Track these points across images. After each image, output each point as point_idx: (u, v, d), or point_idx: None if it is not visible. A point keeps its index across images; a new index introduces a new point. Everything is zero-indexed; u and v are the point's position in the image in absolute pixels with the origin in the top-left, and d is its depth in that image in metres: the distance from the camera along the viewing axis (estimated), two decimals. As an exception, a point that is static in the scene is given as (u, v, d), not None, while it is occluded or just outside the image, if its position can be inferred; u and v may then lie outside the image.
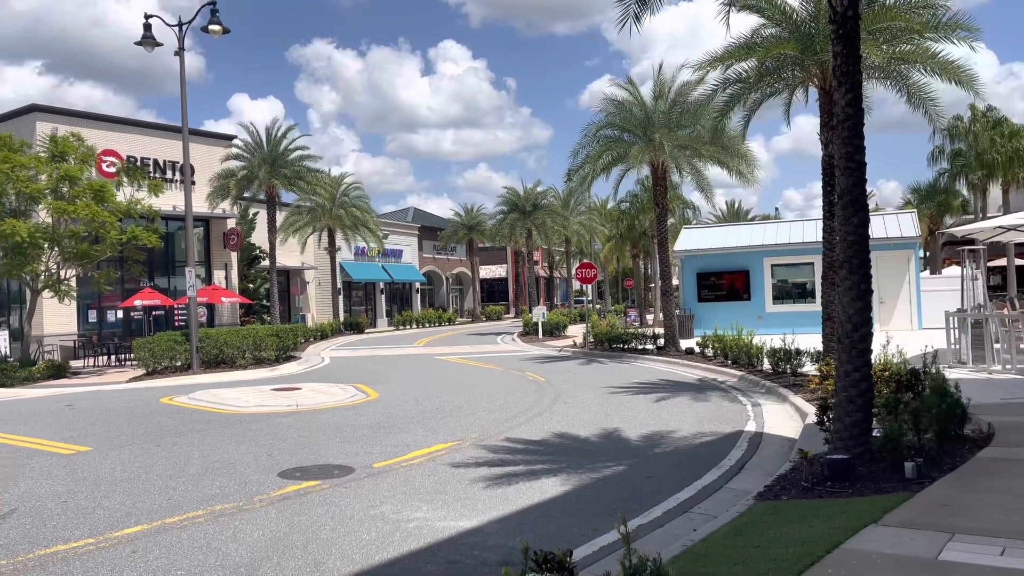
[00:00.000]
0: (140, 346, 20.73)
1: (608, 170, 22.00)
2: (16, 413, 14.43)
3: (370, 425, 11.88)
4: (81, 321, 29.53)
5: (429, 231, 57.76)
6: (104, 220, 20.58)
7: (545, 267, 70.94)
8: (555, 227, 42.98)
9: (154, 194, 23.14)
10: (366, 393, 15.95)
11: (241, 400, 14.77)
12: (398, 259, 52.25)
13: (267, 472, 8.73)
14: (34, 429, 12.26)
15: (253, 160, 31.55)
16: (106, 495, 7.82)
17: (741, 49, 13.82)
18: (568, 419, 11.98)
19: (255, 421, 12.59)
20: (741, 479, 8.07)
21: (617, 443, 10.15)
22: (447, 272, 60.89)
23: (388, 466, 8.96)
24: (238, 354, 21.35)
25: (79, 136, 22.51)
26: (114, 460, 9.62)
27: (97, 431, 11.91)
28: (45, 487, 8.23)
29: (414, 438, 10.70)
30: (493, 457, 9.30)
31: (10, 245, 19.88)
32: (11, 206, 21.26)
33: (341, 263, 44.99)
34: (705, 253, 28.60)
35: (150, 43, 21.45)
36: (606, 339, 24.37)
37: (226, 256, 34.85)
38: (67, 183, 20.80)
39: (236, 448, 10.24)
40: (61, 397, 17.01)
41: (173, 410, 14.17)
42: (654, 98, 21.92)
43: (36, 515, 7.13)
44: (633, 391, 15.06)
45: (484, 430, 11.20)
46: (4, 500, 7.71)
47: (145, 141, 31.31)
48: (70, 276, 22.98)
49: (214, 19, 20.87)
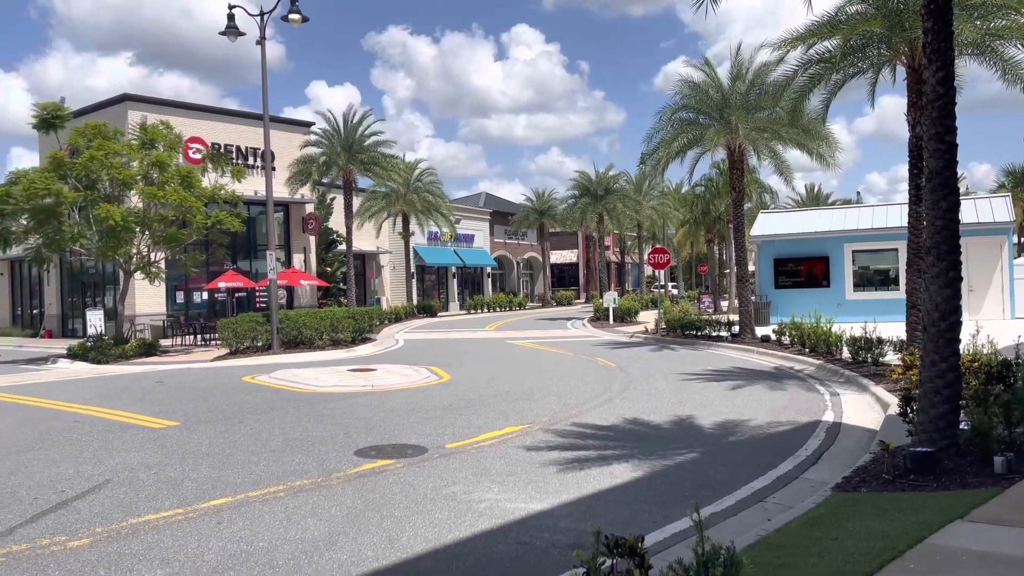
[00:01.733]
0: (224, 326, 21.52)
1: (683, 154, 21.64)
2: (111, 389, 15.20)
3: (442, 407, 12.06)
4: (169, 302, 30.79)
5: (500, 216, 57.97)
6: (191, 205, 21.37)
7: (616, 252, 70.31)
8: (627, 212, 42.56)
9: (237, 180, 23.86)
10: (439, 375, 16.19)
11: (319, 380, 15.19)
12: (470, 244, 52.64)
13: (344, 450, 8.97)
14: (127, 404, 12.89)
15: (332, 146, 32.21)
16: (193, 468, 8.18)
17: (824, 27, 13.35)
18: (639, 405, 11.91)
19: (332, 401, 12.93)
20: (818, 469, 7.89)
21: (689, 430, 10.04)
22: (518, 257, 61.05)
23: (460, 447, 9.10)
24: (316, 335, 21.94)
25: (168, 124, 23.38)
26: (200, 435, 10.04)
27: (184, 407, 12.44)
28: (137, 459, 8.66)
29: (485, 420, 10.82)
30: (563, 441, 9.34)
31: (105, 229, 20.85)
32: (105, 191, 22.25)
33: (414, 247, 45.61)
34: (783, 238, 27.88)
35: (233, 33, 22.07)
36: (679, 325, 24.06)
37: (305, 240, 35.76)
38: (157, 169, 21.66)
39: (314, 426, 10.55)
40: (151, 374, 17.82)
41: (254, 388, 14.68)
42: (731, 79, 21.40)
43: (129, 485, 7.51)
44: (706, 378, 14.86)
45: (554, 414, 11.23)
46: (100, 471, 8.15)
47: (228, 128, 32.31)
48: (159, 259, 23.97)
49: (294, 8, 21.32)
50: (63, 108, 22.25)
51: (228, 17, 21.91)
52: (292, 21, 21.44)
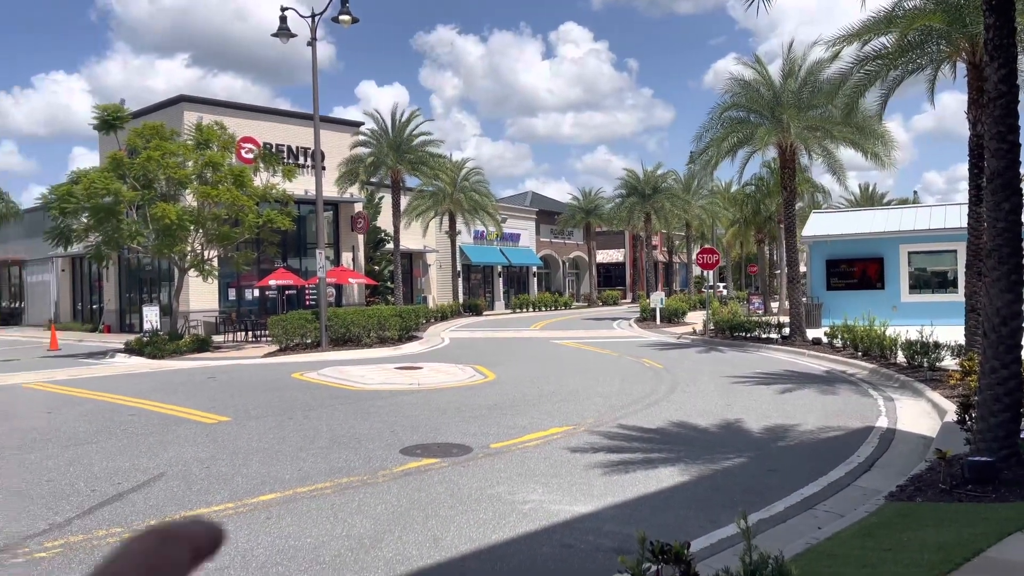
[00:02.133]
0: (274, 323, 21.92)
1: (733, 153, 21.32)
2: (166, 383, 15.59)
3: (487, 406, 12.09)
4: (222, 299, 31.49)
5: (546, 215, 57.90)
6: (243, 204, 21.81)
7: (664, 252, 69.72)
8: (675, 211, 42.12)
9: (288, 179, 24.28)
10: (484, 374, 16.23)
11: (366, 377, 15.36)
12: (516, 243, 52.69)
13: (390, 448, 9.06)
14: (181, 399, 13.21)
15: (380, 146, 32.55)
16: (244, 463, 8.34)
17: (881, 22, 13.01)
18: (686, 408, 11.78)
19: (379, 398, 13.07)
20: (871, 477, 7.70)
21: (737, 434, 9.90)
22: (564, 256, 60.90)
23: (504, 447, 9.11)
24: (364, 333, 22.20)
25: (222, 124, 23.89)
26: (250, 430, 10.24)
27: (235, 402, 12.70)
28: (190, 453, 8.86)
29: (530, 420, 10.82)
30: (609, 443, 9.28)
31: (161, 227, 21.40)
32: (162, 191, 22.84)
33: (461, 246, 45.82)
34: (835, 239, 27.29)
35: (285, 35, 22.44)
36: (727, 327, 23.73)
37: (353, 239, 36.23)
38: (211, 169, 22.15)
39: (361, 423, 10.67)
40: (204, 369, 18.23)
41: (303, 385, 14.91)
42: (783, 77, 21.02)
43: (182, 479, 7.69)
44: (755, 381, 14.62)
45: (599, 416, 11.18)
46: (155, 464, 8.36)
47: (279, 128, 32.91)
48: (212, 256, 24.51)
49: (344, 9, 21.61)
50: (122, 109, 22.92)
51: (280, 19, 22.29)
52: (342, 22, 21.73)
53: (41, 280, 44.42)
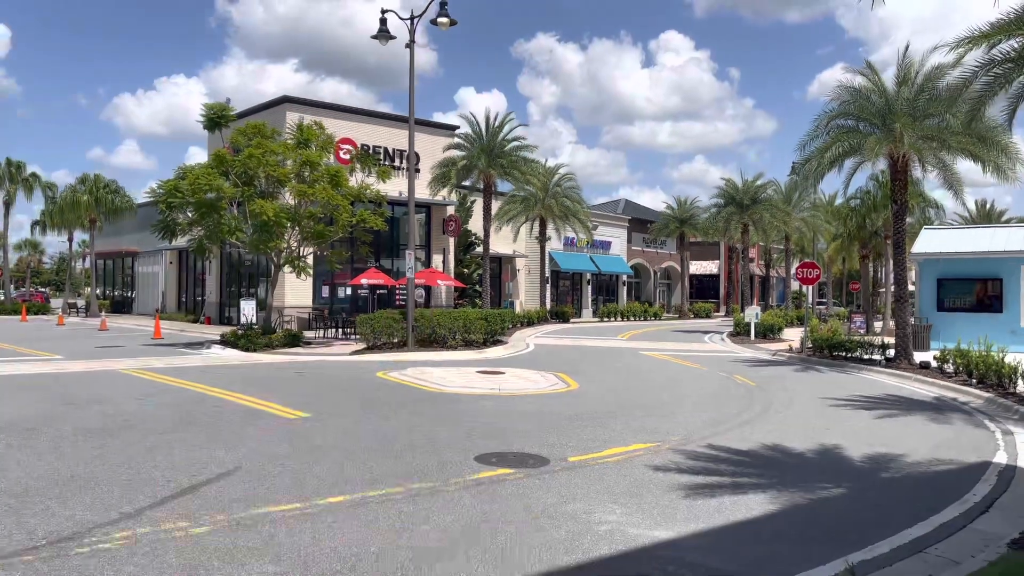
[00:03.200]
0: (363, 322, 22.15)
1: (839, 163, 20.17)
2: (254, 376, 15.88)
3: (568, 416, 11.71)
4: (316, 296, 32.23)
5: (639, 223, 56.97)
6: (338, 203, 22.15)
7: (761, 265, 67.51)
8: (774, 223, 40.54)
9: (382, 180, 24.58)
10: (566, 383, 15.86)
11: (447, 380, 15.23)
12: (606, 250, 52.03)
13: (465, 454, 8.80)
14: (266, 392, 13.37)
15: (473, 150, 32.64)
16: (317, 461, 8.24)
17: (1012, 23, 11.97)
18: (780, 430, 11.08)
19: (459, 402, 12.88)
20: (989, 520, 6.93)
21: (835, 462, 9.19)
22: (655, 266, 59.78)
23: (583, 461, 8.71)
24: (449, 335, 22.17)
25: (321, 125, 24.37)
26: (328, 428, 10.19)
27: (317, 399, 12.75)
28: (267, 448, 8.84)
29: (611, 434, 10.38)
30: (694, 464, 8.76)
31: (259, 223, 21.96)
32: (261, 188, 23.46)
33: (550, 252, 45.54)
34: (949, 257, 25.60)
35: (385, 36, 22.69)
36: (826, 346, 22.54)
37: (444, 241, 36.48)
38: (308, 168, 22.60)
39: (438, 427, 10.47)
40: (292, 364, 18.54)
41: (385, 384, 14.90)
42: (897, 84, 19.76)
43: (255, 474, 7.64)
44: (856, 405, 13.71)
45: (687, 433, 10.63)
46: (232, 457, 8.37)
47: (378, 130, 33.47)
48: (307, 254, 25.03)
49: (443, 11, 21.65)
50: (228, 108, 23.68)
51: (380, 21, 22.55)
52: (441, 25, 21.78)
53: (151, 271, 46.71)
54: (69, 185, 45.69)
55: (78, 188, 44.62)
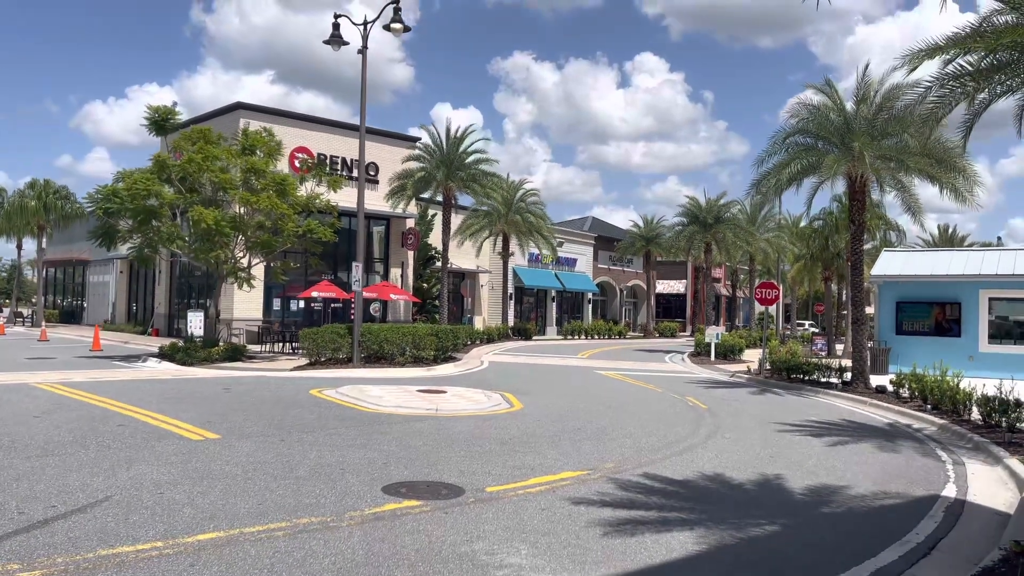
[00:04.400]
0: (305, 336, 21.28)
1: (797, 181, 19.79)
2: (176, 392, 14.96)
3: (501, 440, 11.00)
4: (267, 308, 31.22)
5: (606, 241, 56.62)
6: (283, 212, 21.32)
7: (727, 285, 67.50)
8: (738, 243, 40.31)
9: (333, 189, 23.80)
10: (510, 403, 15.15)
11: (383, 399, 14.44)
12: (572, 268, 51.54)
13: (373, 483, 8.05)
14: (180, 411, 12.49)
15: (432, 162, 31.96)
16: (204, 491, 7.43)
17: (968, 37, 11.59)
18: (723, 457, 10.46)
19: (389, 423, 12.11)
20: (930, 565, 6.33)
21: (775, 494, 8.57)
22: (622, 284, 59.44)
23: (501, 492, 8.00)
24: (397, 351, 21.35)
25: (270, 131, 23.57)
26: (233, 452, 9.37)
27: (235, 418, 11.90)
28: (153, 475, 8.01)
29: (542, 461, 9.67)
30: (622, 496, 8.08)
31: (199, 231, 21.05)
32: (207, 196, 22.55)
33: (514, 268, 44.93)
34: (908, 280, 25.35)
35: (337, 42, 22.02)
36: (784, 368, 22.08)
37: (403, 255, 35.70)
38: (254, 176, 21.75)
39: (356, 452, 9.70)
40: (224, 380, 17.61)
41: (316, 403, 14.07)
42: (856, 102, 19.46)
43: (125, 506, 6.82)
44: (806, 431, 13.15)
45: (622, 460, 9.96)
46: (107, 485, 7.53)
47: (335, 140, 32.64)
48: (255, 264, 24.12)
49: (396, 17, 21.06)
50: (173, 112, 22.79)
51: (333, 26, 21.90)
52: (394, 31, 21.18)
53: (102, 280, 45.29)
54: (18, 190, 44.25)
55: (26, 193, 43.20)
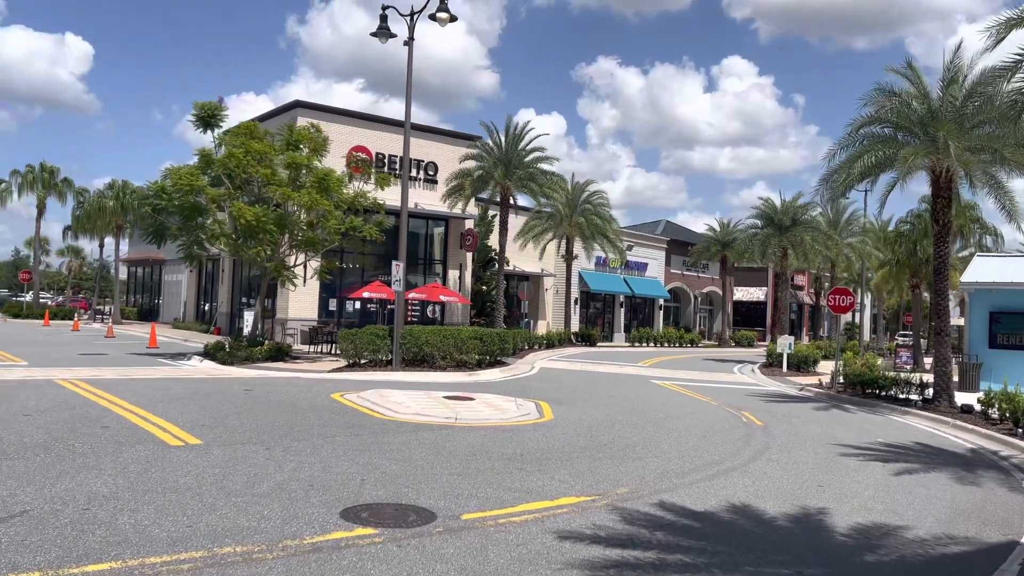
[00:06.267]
0: (344, 337, 20.61)
1: (871, 177, 17.91)
2: (192, 392, 14.40)
3: (509, 456, 9.86)
4: (323, 308, 30.91)
5: (679, 245, 54.59)
6: (324, 209, 20.73)
7: (811, 293, 64.22)
8: (816, 247, 37.78)
9: (380, 187, 23.17)
10: (541, 412, 13.99)
11: (402, 405, 13.50)
12: (642, 272, 49.81)
13: (335, 505, 7.05)
14: (180, 412, 11.83)
15: (489, 160, 31.03)
16: (135, 509, 6.58)
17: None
18: (760, 484, 9.06)
19: (395, 432, 11.14)
20: (993, 646, 4.90)
21: (812, 534, 7.18)
22: (696, 290, 57.23)
23: (478, 520, 6.88)
24: (438, 354, 20.43)
25: (317, 127, 23.07)
26: (203, 461, 8.55)
27: (231, 423, 11.15)
28: (94, 486, 7.23)
29: (544, 482, 8.50)
30: (621, 530, 6.85)
31: (241, 228, 20.67)
32: (256, 192, 22.15)
33: (580, 272, 43.61)
34: (1004, 288, 22.90)
35: (384, 35, 21.31)
36: (858, 382, 20.16)
37: (462, 256, 34.90)
38: (296, 171, 21.25)
39: (339, 464, 8.75)
40: (253, 380, 17.04)
41: (330, 408, 13.24)
42: (943, 87, 17.41)
43: (33, 524, 6.01)
44: (870, 455, 11.53)
45: (639, 484, 8.69)
46: (36, 497, 6.77)
47: (395, 139, 32.02)
48: (300, 263, 23.68)
49: (442, 6, 20.20)
50: (219, 107, 22.51)
51: (380, 18, 21.22)
52: (440, 20, 20.29)
53: (175, 279, 46.23)
54: (97, 191, 45.64)
55: (105, 194, 44.47)
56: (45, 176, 46.41)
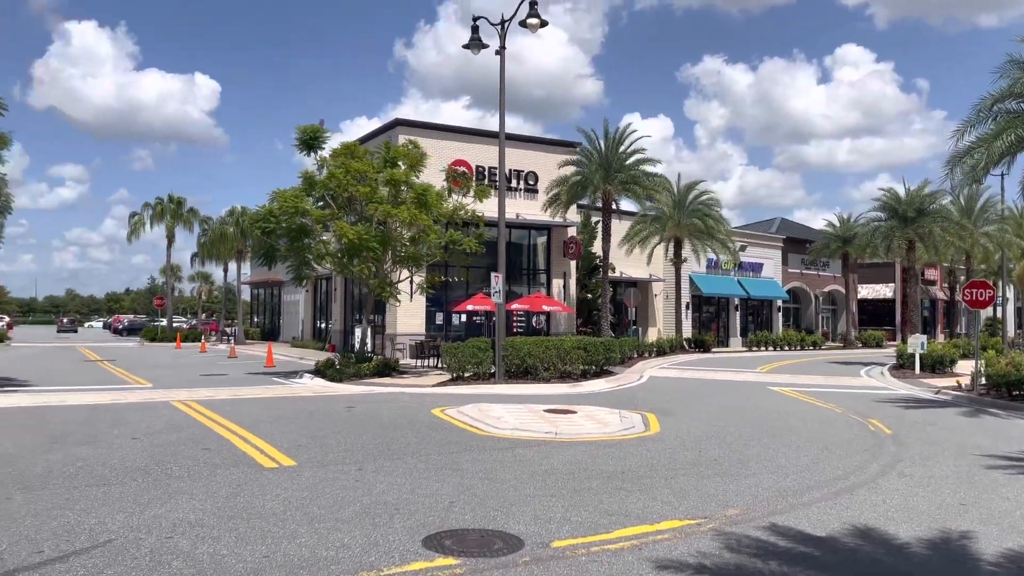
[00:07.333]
0: (447, 351, 20.52)
1: (1008, 157, 16.25)
2: (296, 411, 14.55)
3: (609, 474, 9.29)
4: (429, 322, 31.14)
5: (796, 243, 52.11)
6: (423, 224, 20.77)
7: (944, 288, 59.95)
8: (947, 238, 34.99)
9: (479, 199, 23.07)
10: (647, 425, 13.31)
11: (501, 420, 13.14)
12: (757, 273, 47.81)
13: (418, 531, 6.71)
14: (281, 432, 11.90)
15: (588, 166, 30.45)
16: (217, 537, 6.44)
17: None
18: (891, 503, 8.11)
19: (491, 449, 10.77)
20: None
21: (954, 563, 6.27)
22: (816, 290, 54.44)
23: (569, 548, 6.37)
24: (541, 366, 20.01)
25: (415, 143, 23.23)
26: (293, 484, 8.43)
27: (329, 442, 11.08)
28: (182, 513, 7.17)
29: (646, 504, 7.88)
30: (728, 560, 6.17)
31: (345, 246, 20.99)
32: (359, 211, 22.50)
33: (690, 275, 42.29)
34: None
35: (477, 46, 21.25)
36: (1003, 383, 18.33)
37: (565, 264, 34.43)
38: (394, 187, 21.42)
39: (429, 485, 8.43)
40: (357, 397, 17.13)
41: (429, 424, 13.04)
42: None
43: (113, 555, 5.94)
44: (1022, 467, 10.24)
45: (751, 505, 7.94)
46: (123, 525, 6.76)
47: (496, 151, 32.03)
48: (404, 279, 23.85)
49: (532, 12, 19.92)
50: (321, 130, 23.02)
51: (472, 30, 21.17)
52: (530, 26, 20.03)
53: (293, 300, 47.97)
54: (219, 218, 47.98)
55: (226, 221, 46.67)
56: (173, 207, 49.25)
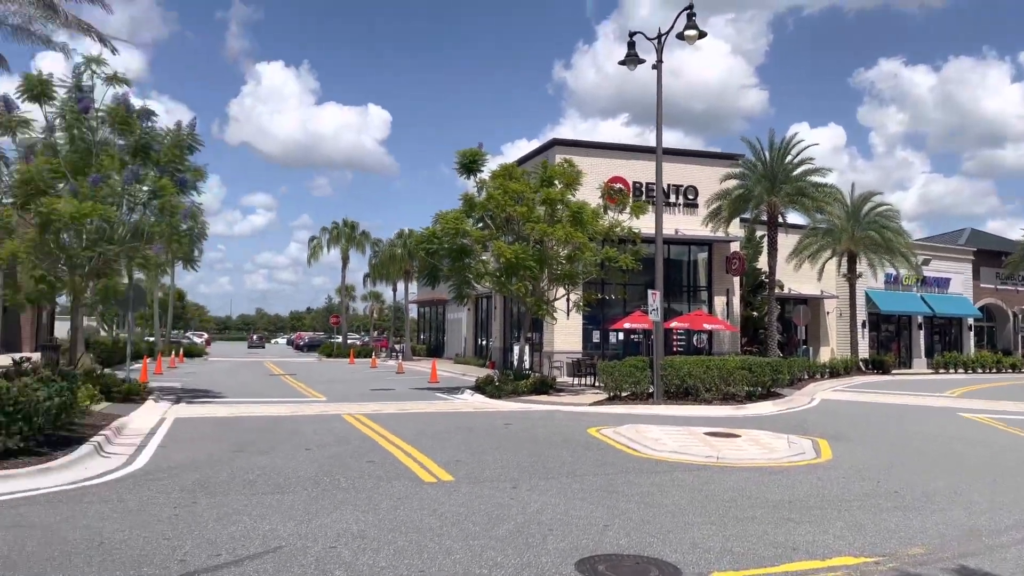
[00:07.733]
0: (604, 370, 20.31)
1: None
2: (457, 426, 14.87)
3: (775, 503, 8.76)
4: (586, 340, 31.06)
5: (989, 256, 47.56)
6: (579, 241, 20.76)
7: None
8: None
9: (635, 216, 22.80)
10: (818, 452, 12.50)
11: (659, 442, 12.78)
12: (943, 289, 44.04)
13: (570, 554, 6.60)
14: (442, 447, 12.18)
15: (751, 177, 29.30)
16: (377, 549, 6.63)
17: None
18: (1109, 552, 7.08)
19: (649, 472, 10.49)
20: None
21: None
22: (1015, 307, 49.39)
23: (729, 582, 6.03)
24: (702, 386, 19.34)
25: (571, 162, 23.33)
26: (451, 499, 8.57)
27: (486, 458, 11.22)
28: (343, 524, 7.45)
29: (816, 537, 7.35)
30: (909, 606, 5.60)
31: (503, 265, 21.37)
32: (518, 231, 22.88)
33: (867, 292, 39.64)
34: None
35: (633, 61, 21.09)
36: None
37: (728, 281, 33.27)
38: (550, 206, 21.60)
39: (584, 507, 8.31)
40: (514, 414, 17.30)
41: (586, 443, 12.91)
42: None
43: (282, 562, 6.24)
44: None
45: (939, 545, 7.20)
46: (292, 533, 7.11)
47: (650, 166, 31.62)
48: (560, 296, 23.93)
49: (690, 24, 19.52)
50: (480, 153, 23.63)
51: (628, 45, 21.05)
52: (688, 38, 19.64)
53: (456, 318, 49.49)
54: (389, 240, 50.43)
55: (395, 242, 48.96)
56: (347, 231, 52.40)
